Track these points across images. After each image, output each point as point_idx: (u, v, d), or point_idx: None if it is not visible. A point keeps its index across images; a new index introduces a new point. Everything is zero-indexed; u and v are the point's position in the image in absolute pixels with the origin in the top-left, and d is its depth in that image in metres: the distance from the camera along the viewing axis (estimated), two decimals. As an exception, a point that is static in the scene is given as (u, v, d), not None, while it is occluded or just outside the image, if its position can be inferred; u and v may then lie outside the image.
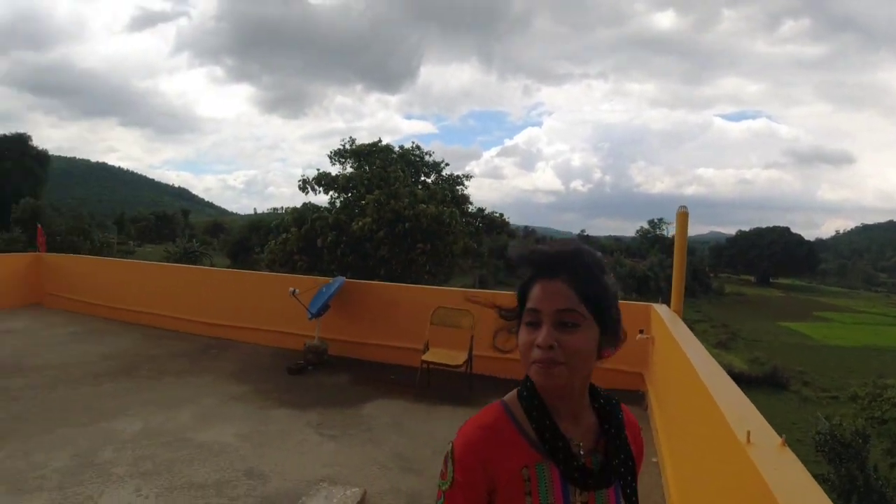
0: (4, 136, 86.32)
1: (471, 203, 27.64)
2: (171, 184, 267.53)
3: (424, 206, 20.90)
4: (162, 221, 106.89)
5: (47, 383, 6.27)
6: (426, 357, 6.22)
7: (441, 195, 23.51)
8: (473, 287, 51.67)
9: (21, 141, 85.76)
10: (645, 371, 6.44)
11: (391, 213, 20.90)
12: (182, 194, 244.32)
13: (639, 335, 6.10)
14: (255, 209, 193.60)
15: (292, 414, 5.57)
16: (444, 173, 30.45)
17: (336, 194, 25.56)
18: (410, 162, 29.14)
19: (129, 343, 8.37)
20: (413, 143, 32.55)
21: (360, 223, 20.86)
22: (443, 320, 6.61)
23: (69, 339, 8.58)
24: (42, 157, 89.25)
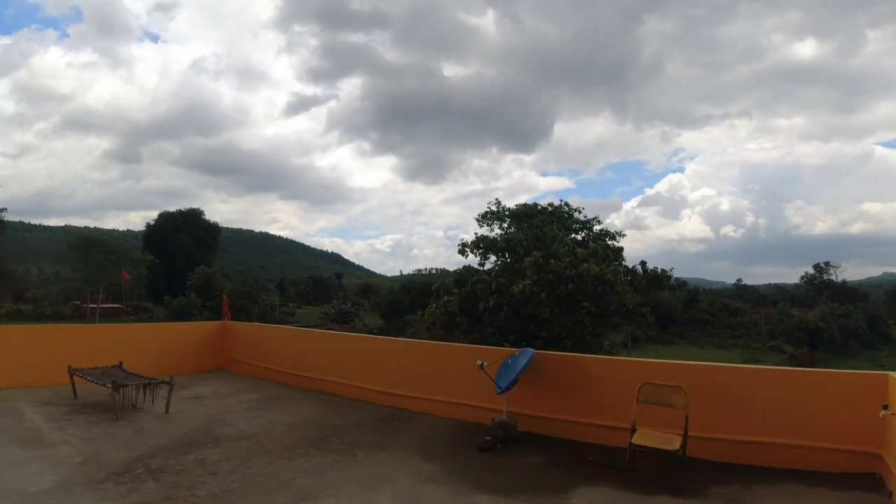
0: (180, 210, 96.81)
1: (624, 259, 26.64)
2: (325, 249, 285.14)
3: (587, 265, 20.21)
4: (318, 284, 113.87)
5: (242, 455, 6.26)
6: (636, 440, 5.54)
7: (602, 253, 22.79)
8: (625, 345, 49.43)
9: (195, 215, 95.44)
10: (884, 451, 5.38)
11: (551, 273, 20.39)
12: (335, 259, 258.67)
13: (882, 411, 5.19)
14: (400, 271, 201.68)
15: (496, 502, 5.10)
16: (594, 229, 29.74)
17: (490, 255, 25.58)
18: (562, 220, 28.78)
19: (311, 411, 8.40)
20: (561, 200, 32.08)
21: (521, 286, 20.52)
22: (650, 398, 5.92)
23: (255, 405, 8.77)
24: (214, 229, 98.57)
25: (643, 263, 27.05)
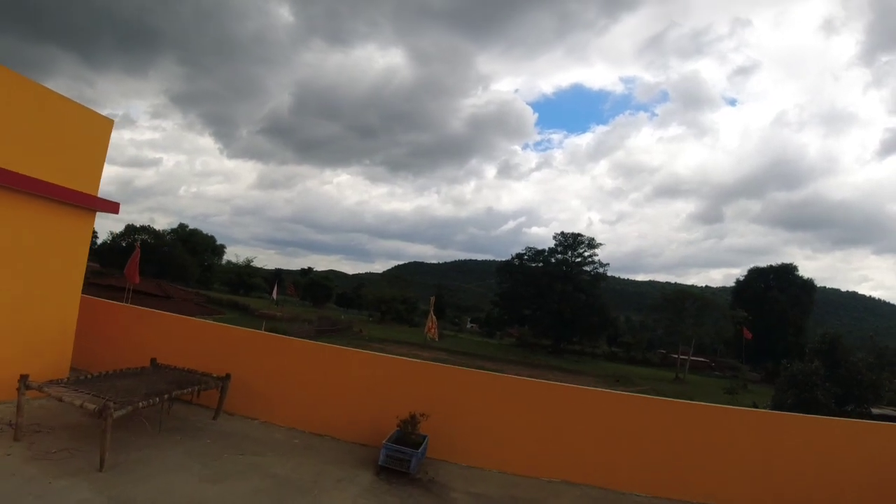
0: (772, 266, 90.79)
1: None
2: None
3: None
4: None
5: None
6: None
7: None
8: None
9: (787, 271, 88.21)
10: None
11: None
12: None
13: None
14: None
15: None
16: None
17: None
18: None
19: None
20: None
21: None
22: None
23: None
24: (808, 286, 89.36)
25: None
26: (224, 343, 7.41)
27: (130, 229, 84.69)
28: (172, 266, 78.77)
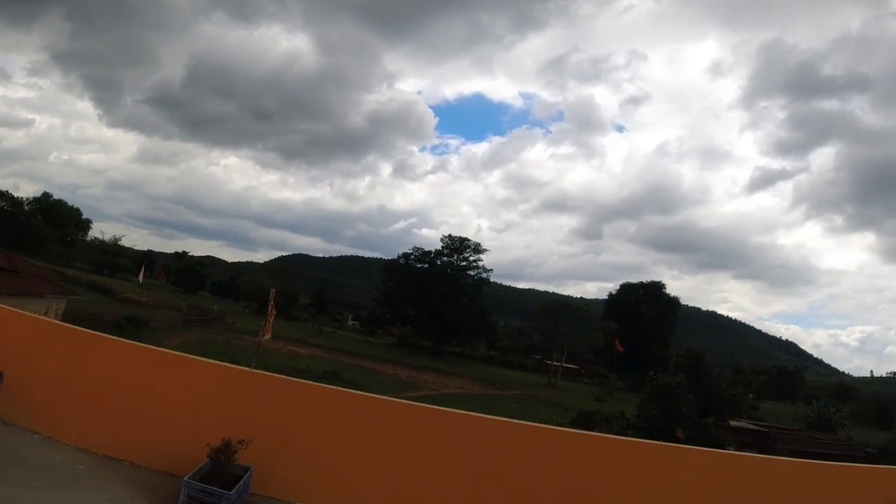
0: (642, 283, 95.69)
1: None
2: (778, 336, 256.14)
3: None
4: (783, 377, 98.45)
5: None
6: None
7: None
8: None
9: (655, 288, 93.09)
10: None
11: None
12: (789, 348, 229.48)
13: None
14: (871, 371, 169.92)
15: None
16: None
17: None
18: None
19: None
20: None
21: None
22: None
23: None
24: (674, 304, 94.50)
25: None
26: (3, 330, 5.76)
27: (-14, 194, 77.01)
28: (29, 238, 71.60)
